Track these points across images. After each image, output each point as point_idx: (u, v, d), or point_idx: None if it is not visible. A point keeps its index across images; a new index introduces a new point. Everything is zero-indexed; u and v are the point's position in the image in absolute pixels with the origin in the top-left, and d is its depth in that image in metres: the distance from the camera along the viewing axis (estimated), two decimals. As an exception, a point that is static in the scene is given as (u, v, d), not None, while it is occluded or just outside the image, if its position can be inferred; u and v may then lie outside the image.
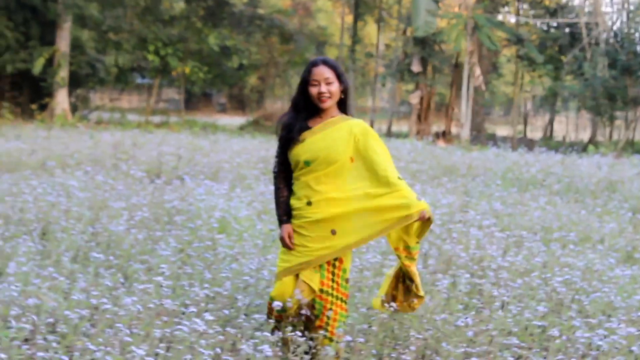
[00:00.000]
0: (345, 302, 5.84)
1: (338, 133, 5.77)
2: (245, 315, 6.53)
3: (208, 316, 5.71)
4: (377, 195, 5.67)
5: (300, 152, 5.77)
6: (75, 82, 37.88)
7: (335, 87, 5.74)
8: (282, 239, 5.83)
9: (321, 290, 5.73)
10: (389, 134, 40.75)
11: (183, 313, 6.38)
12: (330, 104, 5.76)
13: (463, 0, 36.27)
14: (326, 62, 5.77)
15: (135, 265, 7.69)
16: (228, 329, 5.76)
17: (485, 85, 38.52)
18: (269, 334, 5.50)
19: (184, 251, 8.51)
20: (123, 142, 20.22)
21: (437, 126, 42.61)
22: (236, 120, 50.07)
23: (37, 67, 34.23)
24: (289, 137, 5.82)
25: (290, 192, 5.92)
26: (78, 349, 5.29)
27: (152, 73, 43.75)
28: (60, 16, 34.11)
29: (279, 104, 53.85)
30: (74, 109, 37.48)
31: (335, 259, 5.75)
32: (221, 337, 5.55)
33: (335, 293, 5.76)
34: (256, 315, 6.05)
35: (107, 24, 37.96)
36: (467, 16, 34.99)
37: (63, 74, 34.96)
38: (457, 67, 38.92)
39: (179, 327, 5.57)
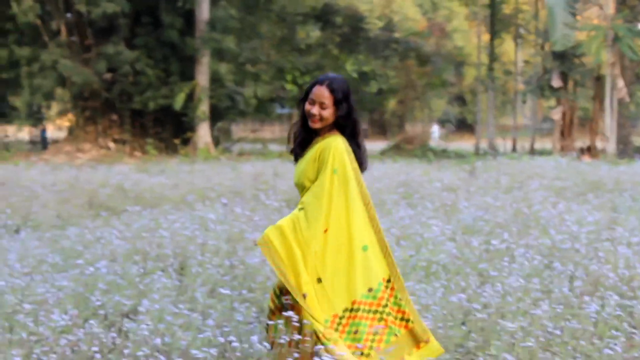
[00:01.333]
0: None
1: (310, 155, 5.62)
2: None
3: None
4: None
5: (294, 172, 5.77)
6: (216, 115, 38.33)
7: (328, 113, 5.56)
8: None
9: None
10: (532, 152, 40.08)
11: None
12: (318, 126, 5.59)
13: (601, 11, 35.46)
14: (330, 85, 5.58)
15: (270, 299, 7.54)
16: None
17: (630, 96, 37.49)
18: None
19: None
20: (264, 172, 20.27)
21: (582, 141, 41.70)
22: (378, 145, 49.95)
23: (178, 102, 34.82)
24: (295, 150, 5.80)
25: None
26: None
27: (291, 102, 44.04)
28: (199, 51, 34.65)
29: (420, 127, 53.56)
30: (216, 142, 37.91)
31: None
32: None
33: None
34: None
35: (245, 56, 38.41)
36: (606, 27, 34.16)
37: (204, 107, 35.45)
38: (599, 79, 37.99)
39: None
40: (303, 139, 5.74)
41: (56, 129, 51.90)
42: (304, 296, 5.30)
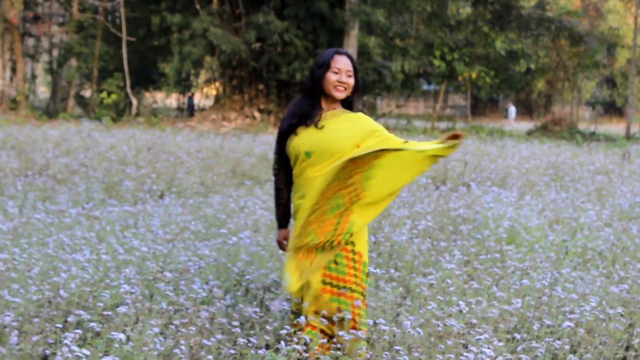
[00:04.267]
0: (365, 297, 5.53)
1: (338, 124, 5.53)
2: (538, 337, 5.91)
3: (497, 342, 5.13)
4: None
5: (300, 143, 5.51)
6: (362, 88, 38.01)
7: (353, 82, 5.62)
8: (278, 243, 5.80)
9: (345, 288, 5.39)
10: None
11: (469, 332, 5.80)
12: (343, 95, 5.60)
13: None
14: (350, 56, 5.67)
15: (417, 279, 7.20)
16: (522, 356, 5.15)
17: None
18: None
19: (470, 264, 7.95)
20: (408, 148, 19.91)
21: None
22: (523, 125, 49.23)
23: (325, 74, 34.61)
24: (295, 123, 5.58)
25: (290, 192, 5.74)
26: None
27: (438, 79, 43.63)
28: (348, 23, 34.33)
29: (568, 109, 52.34)
30: (360, 115, 37.67)
31: (355, 253, 5.43)
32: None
33: (359, 289, 5.43)
34: (548, 339, 5.39)
35: (394, 30, 38.05)
36: None
37: (350, 81, 35.21)
38: None
39: (465, 354, 5.01)
40: (307, 112, 5.57)
41: (203, 96, 52.57)
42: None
